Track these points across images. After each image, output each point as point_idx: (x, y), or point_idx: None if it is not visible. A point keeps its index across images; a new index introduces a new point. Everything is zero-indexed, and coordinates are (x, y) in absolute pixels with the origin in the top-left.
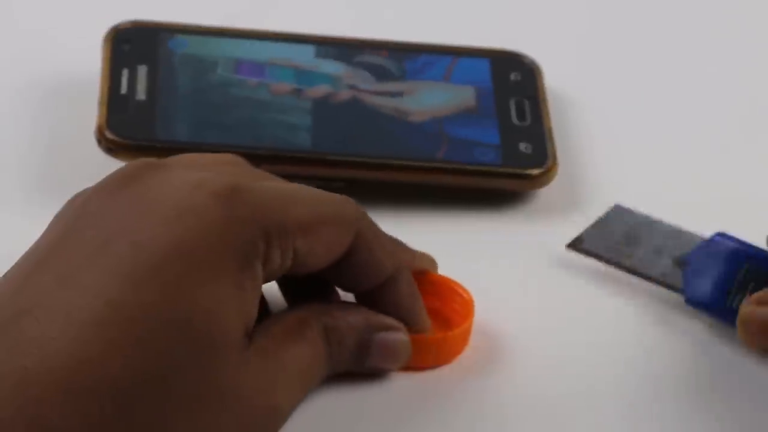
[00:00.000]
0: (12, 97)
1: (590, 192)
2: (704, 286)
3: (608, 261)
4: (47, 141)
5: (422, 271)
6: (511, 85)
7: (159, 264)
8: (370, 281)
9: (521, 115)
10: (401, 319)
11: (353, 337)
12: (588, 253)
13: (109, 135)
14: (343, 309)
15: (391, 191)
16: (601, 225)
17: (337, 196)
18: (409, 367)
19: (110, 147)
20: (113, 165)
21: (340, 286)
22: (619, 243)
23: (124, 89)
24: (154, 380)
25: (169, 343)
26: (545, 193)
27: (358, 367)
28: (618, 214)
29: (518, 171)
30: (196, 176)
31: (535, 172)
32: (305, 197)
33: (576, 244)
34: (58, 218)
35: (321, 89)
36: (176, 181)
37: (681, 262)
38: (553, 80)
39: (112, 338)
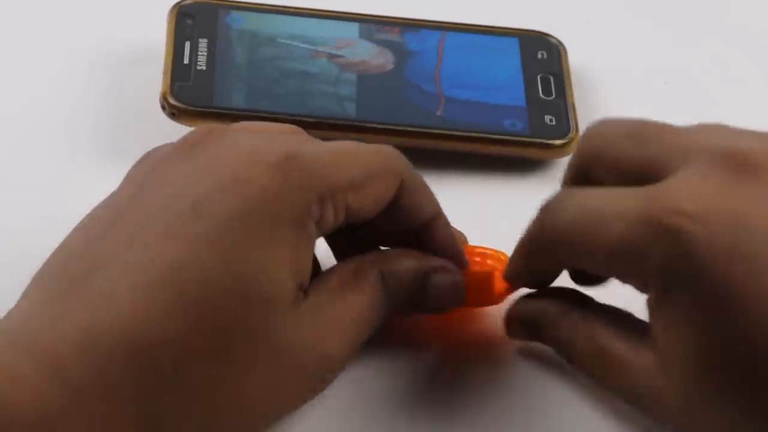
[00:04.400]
0: (86, 65)
1: None
2: None
3: None
4: (117, 106)
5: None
6: (538, 62)
7: (217, 229)
8: (412, 223)
9: (547, 90)
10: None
11: (410, 282)
12: None
13: (172, 101)
14: (397, 255)
15: (429, 158)
16: None
17: (383, 148)
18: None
19: (173, 112)
20: (176, 128)
21: (383, 229)
22: None
23: (186, 60)
24: (210, 338)
25: (224, 303)
26: (566, 163)
27: (415, 311)
28: None
29: (543, 141)
30: (254, 144)
31: (559, 142)
32: (355, 155)
33: None
34: (129, 178)
35: (363, 64)
36: (235, 149)
37: None
38: (576, 59)
39: (172, 299)
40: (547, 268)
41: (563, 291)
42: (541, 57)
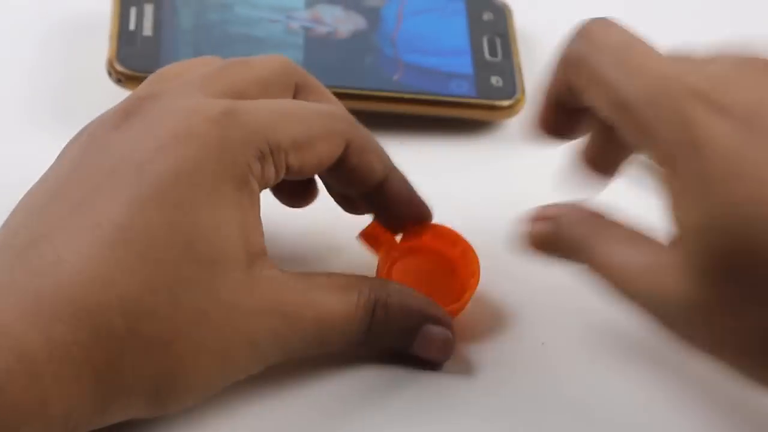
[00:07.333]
0: (31, 32)
1: None
2: None
3: None
4: (63, 72)
5: (438, 224)
6: (484, 23)
7: (161, 188)
8: (365, 182)
9: (493, 51)
10: (404, 212)
11: (402, 321)
12: None
13: (118, 67)
14: (402, 291)
15: (376, 120)
16: None
17: (329, 108)
18: None
19: (119, 78)
20: (123, 94)
21: (338, 188)
22: None
23: (132, 26)
24: (161, 295)
25: (173, 260)
26: (513, 123)
27: (402, 350)
28: None
29: (490, 102)
30: (191, 102)
31: (505, 103)
32: (298, 114)
33: None
34: (67, 151)
35: (313, 30)
36: (173, 109)
37: None
38: (522, 21)
39: (120, 258)
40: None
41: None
42: (487, 18)
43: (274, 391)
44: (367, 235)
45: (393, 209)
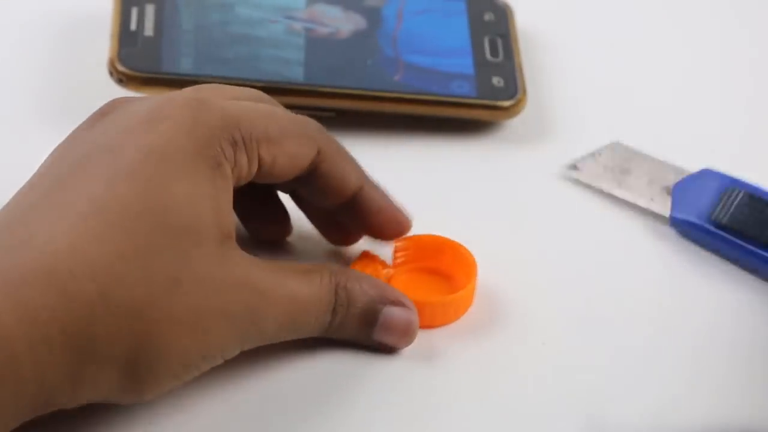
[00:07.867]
0: (33, 31)
1: (555, 122)
2: (690, 207)
3: (601, 188)
4: (65, 72)
5: (422, 235)
6: (485, 24)
7: (134, 164)
8: (340, 191)
9: (494, 51)
10: (382, 222)
11: (363, 302)
12: (584, 177)
13: (119, 67)
14: (360, 276)
15: (377, 120)
16: (595, 155)
17: (301, 116)
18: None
19: (121, 78)
20: (123, 94)
21: (315, 202)
22: (612, 171)
23: (133, 26)
24: (132, 262)
25: (145, 229)
26: (514, 123)
27: (363, 338)
28: (613, 148)
29: (491, 103)
30: (162, 97)
31: (507, 103)
32: (270, 113)
33: (572, 170)
34: (49, 155)
35: (314, 31)
36: (145, 103)
37: (670, 191)
38: (523, 21)
39: (91, 227)
40: None
41: None
42: (488, 18)
43: (235, 382)
44: (357, 267)
45: (371, 219)
